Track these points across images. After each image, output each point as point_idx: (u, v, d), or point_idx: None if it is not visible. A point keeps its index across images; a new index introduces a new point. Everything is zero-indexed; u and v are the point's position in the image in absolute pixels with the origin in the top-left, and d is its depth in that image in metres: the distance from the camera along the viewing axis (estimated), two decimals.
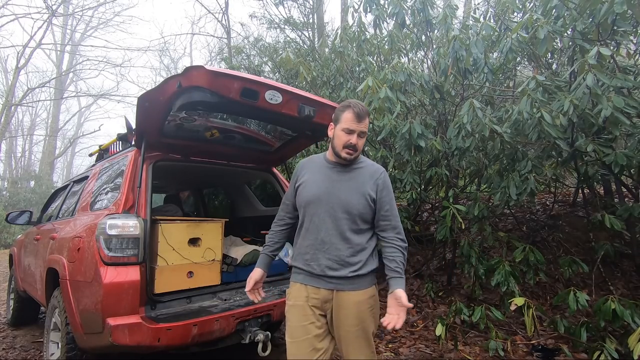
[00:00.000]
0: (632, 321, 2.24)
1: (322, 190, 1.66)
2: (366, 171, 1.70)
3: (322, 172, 1.72)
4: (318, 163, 1.77)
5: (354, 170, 1.70)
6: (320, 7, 9.79)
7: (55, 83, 19.37)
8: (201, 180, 4.30)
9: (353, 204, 1.62)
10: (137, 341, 1.93)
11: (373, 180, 1.67)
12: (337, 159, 1.69)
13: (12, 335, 4.01)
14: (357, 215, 1.62)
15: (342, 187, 1.65)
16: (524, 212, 4.73)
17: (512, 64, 3.71)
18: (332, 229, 1.62)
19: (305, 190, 1.70)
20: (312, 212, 1.66)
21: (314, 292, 1.64)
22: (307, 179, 1.72)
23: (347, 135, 1.62)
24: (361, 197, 1.63)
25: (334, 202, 1.63)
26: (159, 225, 2.34)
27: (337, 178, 1.68)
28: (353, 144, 1.61)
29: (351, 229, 1.62)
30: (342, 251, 1.61)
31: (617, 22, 2.35)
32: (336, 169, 1.70)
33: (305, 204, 1.68)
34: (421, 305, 3.87)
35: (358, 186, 1.65)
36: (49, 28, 16.85)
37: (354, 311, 1.61)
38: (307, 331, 1.60)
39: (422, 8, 3.46)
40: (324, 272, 1.62)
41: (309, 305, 1.63)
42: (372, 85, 3.16)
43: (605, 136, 2.61)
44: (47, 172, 20.17)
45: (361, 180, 1.66)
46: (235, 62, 8.56)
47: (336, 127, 1.66)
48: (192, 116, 2.41)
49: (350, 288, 1.62)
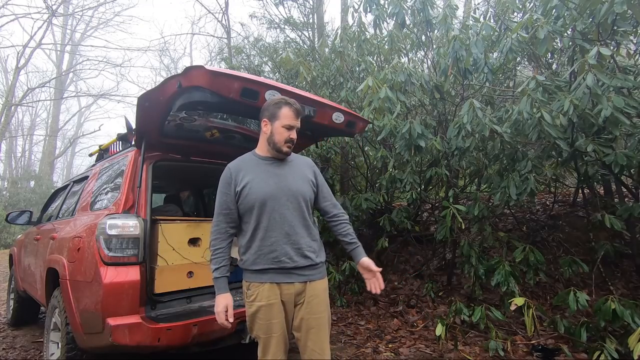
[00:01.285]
0: (632, 321, 2.24)
1: (272, 186, 1.69)
2: (301, 161, 1.87)
3: (263, 169, 1.74)
4: (252, 162, 1.77)
5: (291, 161, 1.82)
6: (320, 7, 9.79)
7: (55, 83, 19.36)
8: (201, 180, 4.29)
9: (304, 191, 1.75)
10: (137, 341, 1.93)
11: (310, 168, 1.86)
12: (275, 154, 1.77)
13: (12, 335, 4.01)
14: (308, 201, 1.76)
15: (289, 179, 1.74)
16: (524, 212, 4.73)
17: (512, 64, 3.71)
18: (293, 220, 1.70)
19: (253, 191, 1.67)
20: (269, 209, 1.67)
21: (286, 288, 1.68)
22: (250, 179, 1.70)
23: (288, 131, 1.72)
24: (307, 183, 1.78)
25: (288, 194, 1.71)
26: (159, 225, 2.34)
27: (280, 172, 1.76)
28: (293, 139, 1.73)
29: (306, 216, 1.75)
30: (305, 238, 1.72)
31: (617, 22, 2.35)
32: (275, 164, 1.77)
33: (259, 204, 1.66)
34: (421, 305, 3.87)
35: (302, 175, 1.79)
36: (49, 28, 16.85)
37: (323, 298, 1.74)
38: (283, 326, 1.68)
39: (422, 8, 3.47)
40: (296, 264, 1.68)
41: (278, 303, 1.67)
42: (372, 85, 3.16)
43: (605, 136, 2.61)
44: (47, 172, 20.17)
45: (302, 169, 1.82)
46: (235, 62, 8.56)
47: (274, 123, 1.73)
48: (192, 116, 2.41)
49: (319, 277, 1.75)
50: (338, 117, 2.34)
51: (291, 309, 1.70)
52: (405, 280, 4.43)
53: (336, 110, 2.34)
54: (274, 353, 1.66)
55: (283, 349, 1.69)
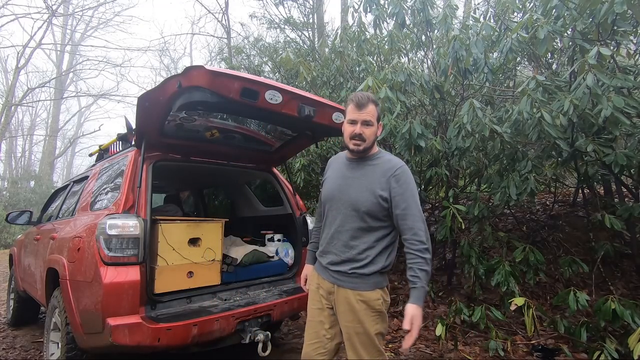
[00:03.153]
0: (632, 321, 2.24)
1: (335, 187, 1.71)
2: (380, 168, 1.64)
3: (340, 169, 1.76)
4: (340, 160, 1.80)
5: (368, 166, 1.67)
6: (320, 7, 9.79)
7: (55, 83, 19.37)
8: (201, 180, 4.29)
9: (361, 202, 1.60)
10: (137, 341, 1.93)
11: (385, 178, 1.60)
12: (352, 154, 1.71)
13: (12, 335, 4.01)
14: (364, 212, 1.59)
15: (352, 184, 1.65)
16: (524, 212, 4.73)
17: (512, 64, 3.71)
18: (340, 226, 1.65)
19: (325, 188, 1.79)
20: (328, 207, 1.74)
21: (321, 282, 1.73)
22: (328, 175, 1.80)
23: (351, 126, 1.63)
24: (370, 195, 1.59)
25: (344, 199, 1.65)
26: (159, 225, 2.34)
27: (350, 175, 1.69)
28: (357, 133, 1.60)
29: (359, 227, 1.61)
30: (347, 247, 1.64)
31: (617, 22, 2.35)
32: (351, 165, 1.71)
33: (325, 200, 1.78)
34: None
35: (368, 184, 1.61)
36: (49, 28, 16.85)
37: (352, 310, 1.60)
38: (314, 315, 1.73)
39: (422, 8, 3.47)
40: (328, 266, 1.70)
41: (318, 293, 1.73)
42: (372, 85, 3.16)
43: (605, 136, 2.61)
44: (47, 172, 20.17)
45: (372, 178, 1.62)
46: (235, 62, 8.56)
47: (344, 122, 1.68)
48: (192, 116, 2.41)
49: (351, 286, 1.61)
50: (338, 117, 2.34)
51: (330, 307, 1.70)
52: (405, 281, 4.42)
53: (336, 110, 2.34)
54: (307, 337, 1.74)
55: (314, 339, 1.70)
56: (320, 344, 1.68)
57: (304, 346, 1.73)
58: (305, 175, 4.70)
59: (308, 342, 1.72)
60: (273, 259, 3.05)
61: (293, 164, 4.72)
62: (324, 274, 1.72)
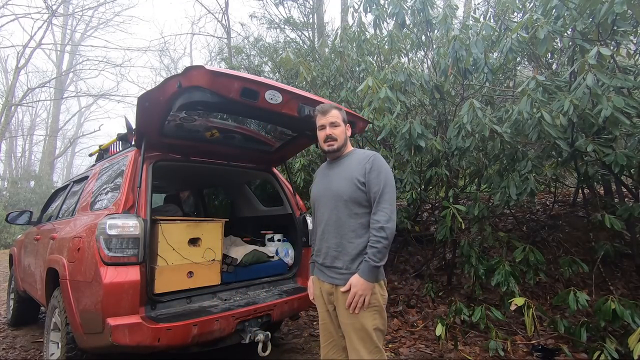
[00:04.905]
0: (632, 321, 2.24)
1: (320, 187, 1.87)
2: (355, 159, 1.79)
3: (323, 173, 1.94)
4: (323, 167, 1.98)
5: (344, 161, 1.83)
6: (320, 7, 9.80)
7: (55, 83, 19.37)
8: (201, 180, 4.29)
9: (342, 190, 1.73)
10: (137, 341, 1.93)
11: (361, 165, 1.73)
12: (329, 157, 1.89)
13: (12, 335, 4.01)
14: (348, 199, 1.70)
15: (334, 179, 1.81)
16: (524, 212, 4.73)
17: (512, 64, 3.71)
18: (329, 218, 1.76)
19: (312, 192, 1.94)
20: (316, 206, 1.87)
21: (322, 285, 1.81)
22: (314, 182, 1.96)
23: (322, 131, 1.83)
24: (349, 183, 1.72)
25: (328, 194, 1.79)
26: (159, 225, 2.34)
27: (330, 173, 1.86)
28: (328, 134, 1.80)
29: (346, 213, 1.72)
30: (338, 235, 1.72)
31: (617, 22, 2.35)
32: (331, 166, 1.88)
33: (313, 201, 1.91)
34: (421, 305, 3.87)
35: (347, 174, 1.76)
36: (49, 28, 16.84)
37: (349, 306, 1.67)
38: (324, 317, 1.82)
39: (422, 8, 3.47)
40: (324, 263, 1.78)
41: (322, 296, 1.82)
42: (372, 85, 3.16)
43: (605, 136, 2.61)
44: (47, 172, 20.17)
45: (350, 168, 1.77)
46: (235, 62, 8.57)
47: (317, 131, 1.87)
48: (192, 116, 2.41)
49: (345, 283, 1.68)
50: None
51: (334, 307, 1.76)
52: (405, 280, 4.43)
53: None
54: (322, 339, 1.84)
55: (329, 339, 1.80)
56: (334, 343, 1.80)
57: (321, 348, 1.85)
58: (305, 175, 4.70)
59: (324, 344, 1.83)
60: (273, 259, 3.05)
61: (293, 164, 4.72)
62: (322, 275, 1.81)
